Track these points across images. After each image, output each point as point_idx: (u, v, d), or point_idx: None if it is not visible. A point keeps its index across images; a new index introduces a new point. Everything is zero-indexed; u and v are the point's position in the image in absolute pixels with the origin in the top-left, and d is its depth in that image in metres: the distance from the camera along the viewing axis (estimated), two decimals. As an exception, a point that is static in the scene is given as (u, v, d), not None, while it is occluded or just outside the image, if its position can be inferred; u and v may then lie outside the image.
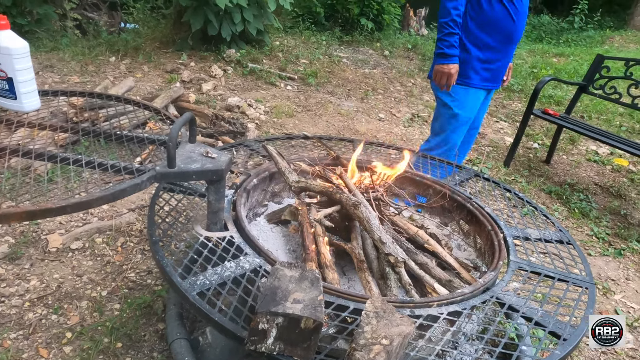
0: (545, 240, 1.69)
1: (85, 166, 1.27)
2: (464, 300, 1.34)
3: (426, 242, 1.74)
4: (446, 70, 2.34)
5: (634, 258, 2.78)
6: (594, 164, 4.19)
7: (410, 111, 4.59)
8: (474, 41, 2.38)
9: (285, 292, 1.07)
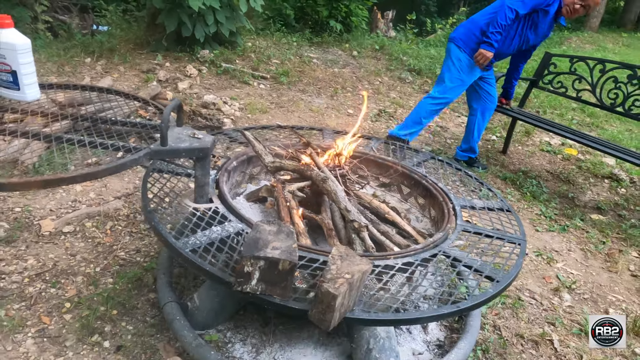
0: (488, 208, 1.96)
1: (88, 145, 1.46)
2: (416, 254, 1.59)
3: (387, 213, 1.98)
4: (488, 55, 3.21)
5: (577, 233, 3.10)
6: (546, 153, 4.54)
7: (378, 107, 4.87)
8: None
9: (265, 241, 1.29)
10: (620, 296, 2.50)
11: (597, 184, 4.00)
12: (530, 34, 3.31)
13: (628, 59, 10.76)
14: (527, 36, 3.32)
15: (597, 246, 2.94)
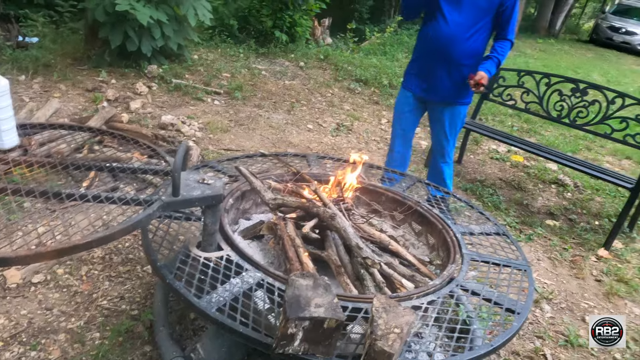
0: (486, 233, 2.01)
1: (93, 200, 1.32)
2: (436, 290, 1.60)
3: (389, 244, 1.97)
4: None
5: (541, 241, 3.28)
6: (496, 161, 4.77)
7: (335, 121, 4.88)
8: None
9: (307, 299, 1.23)
10: (591, 302, 2.67)
11: (545, 190, 4.25)
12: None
13: (546, 63, 11.64)
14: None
15: (561, 254, 3.13)
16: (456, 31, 2.64)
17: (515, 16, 2.66)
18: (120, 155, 2.85)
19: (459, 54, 2.67)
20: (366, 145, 4.44)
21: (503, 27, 2.68)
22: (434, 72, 2.79)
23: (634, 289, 2.85)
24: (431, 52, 2.76)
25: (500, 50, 2.69)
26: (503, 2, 2.60)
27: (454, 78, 2.74)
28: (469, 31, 2.63)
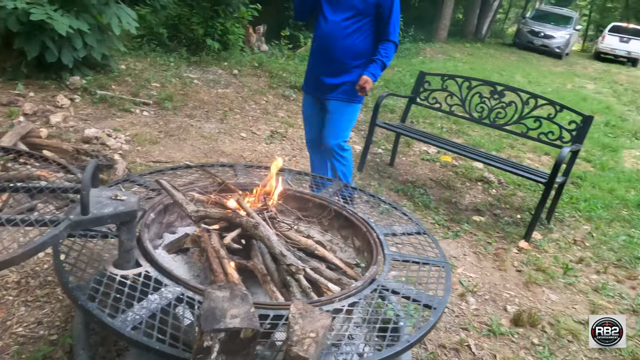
0: (407, 233, 2.09)
1: (-8, 224, 1.25)
2: (358, 292, 1.64)
3: (315, 249, 2.00)
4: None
5: (467, 237, 3.44)
6: (426, 162, 4.96)
7: (269, 128, 4.88)
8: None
9: (222, 310, 1.23)
10: (512, 292, 2.84)
11: (472, 187, 4.47)
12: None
13: (474, 66, 12.23)
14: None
15: (485, 248, 3.30)
16: (334, 30, 2.74)
17: (394, 17, 2.75)
18: (36, 172, 2.71)
19: (339, 53, 2.77)
20: (300, 151, 4.48)
21: (383, 28, 2.77)
22: (320, 71, 2.89)
23: (550, 276, 3.06)
24: (316, 51, 2.90)
25: (383, 53, 2.78)
26: (380, 4, 2.70)
27: (338, 77, 2.82)
28: (346, 30, 2.73)
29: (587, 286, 3.05)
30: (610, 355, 2.43)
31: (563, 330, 2.53)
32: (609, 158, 5.89)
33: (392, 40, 2.80)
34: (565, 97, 9.90)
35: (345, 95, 2.89)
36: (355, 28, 2.73)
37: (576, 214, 4.14)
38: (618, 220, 4.12)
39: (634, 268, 3.36)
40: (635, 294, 3.05)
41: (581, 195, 4.51)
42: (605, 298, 2.94)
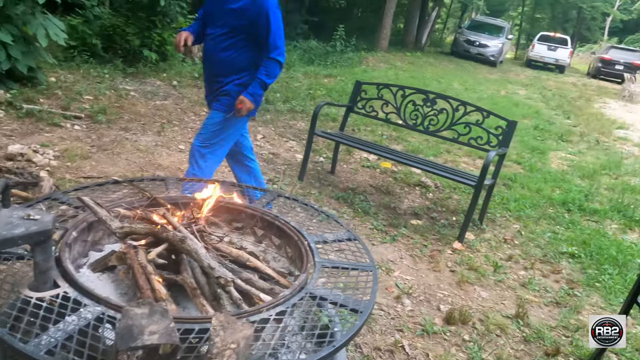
0: (338, 240, 2.13)
1: None
2: (286, 300, 1.66)
3: (247, 260, 2.01)
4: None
5: (404, 241, 3.54)
6: (367, 169, 5.07)
7: (209, 140, 4.83)
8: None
9: (140, 327, 1.21)
10: (446, 292, 2.95)
11: (410, 192, 4.62)
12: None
13: (414, 74, 12.64)
14: None
15: (421, 250, 3.41)
16: (212, 45, 2.79)
17: (273, 35, 2.68)
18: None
19: (216, 67, 2.82)
20: (241, 162, 4.46)
21: (263, 45, 2.72)
22: (205, 82, 2.98)
23: (481, 274, 3.21)
24: (204, 66, 2.98)
25: (264, 71, 2.71)
26: (254, 23, 2.66)
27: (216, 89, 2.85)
28: (221, 45, 2.75)
29: (516, 282, 3.22)
30: (535, 346, 2.58)
31: (492, 325, 2.66)
32: (537, 160, 6.25)
33: (273, 58, 2.71)
34: (499, 102, 10.43)
35: (221, 104, 2.86)
36: (229, 43, 2.72)
37: (507, 214, 4.36)
38: (544, 219, 4.37)
39: (558, 263, 3.58)
40: (559, 287, 3.25)
41: (511, 196, 4.76)
42: (532, 292, 3.12)
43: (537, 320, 2.82)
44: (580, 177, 5.82)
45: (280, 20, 2.72)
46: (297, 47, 12.69)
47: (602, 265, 3.57)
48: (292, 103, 6.97)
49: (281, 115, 6.37)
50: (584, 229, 4.20)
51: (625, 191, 5.40)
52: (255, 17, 2.65)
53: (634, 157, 7.36)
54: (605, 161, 6.69)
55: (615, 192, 5.36)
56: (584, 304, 3.06)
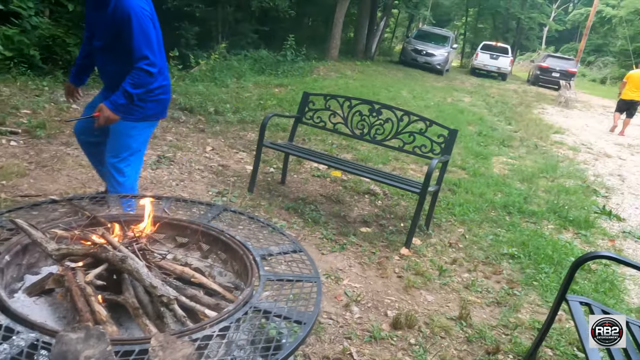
0: (283, 252, 2.16)
1: None
2: (230, 316, 1.67)
3: (192, 276, 2.00)
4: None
5: (353, 249, 3.61)
6: (317, 178, 5.13)
7: (156, 153, 4.75)
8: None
9: (75, 353, 1.20)
10: (393, 297, 3.03)
11: (360, 200, 4.71)
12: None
13: (364, 83, 12.89)
14: None
15: (370, 257, 3.49)
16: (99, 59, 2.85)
17: (136, 42, 2.57)
18: None
19: (107, 82, 2.88)
20: (189, 175, 4.41)
21: (129, 53, 2.62)
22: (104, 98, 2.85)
23: (427, 279, 3.32)
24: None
25: (129, 80, 2.63)
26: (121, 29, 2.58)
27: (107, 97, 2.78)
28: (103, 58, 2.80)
29: (460, 284, 3.35)
30: (477, 345, 2.69)
31: (437, 327, 2.76)
32: (480, 165, 6.52)
33: (140, 67, 2.61)
34: (446, 110, 10.80)
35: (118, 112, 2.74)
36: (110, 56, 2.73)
37: (452, 219, 4.53)
38: (487, 222, 4.57)
39: (499, 264, 3.75)
40: (500, 287, 3.41)
41: (456, 201, 4.94)
42: (475, 294, 3.26)
43: (479, 320, 2.94)
44: (520, 180, 6.12)
45: (146, 25, 2.59)
46: (248, 56, 12.66)
47: (539, 264, 3.77)
48: (242, 114, 6.95)
49: (231, 126, 6.34)
50: (523, 231, 4.42)
51: (561, 193, 5.73)
52: (120, 24, 2.55)
53: (568, 160, 7.82)
54: (542, 165, 7.07)
55: (552, 194, 5.67)
56: (522, 303, 3.22)
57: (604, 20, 42.94)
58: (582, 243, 4.44)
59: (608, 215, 5.28)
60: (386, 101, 10.45)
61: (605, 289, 3.52)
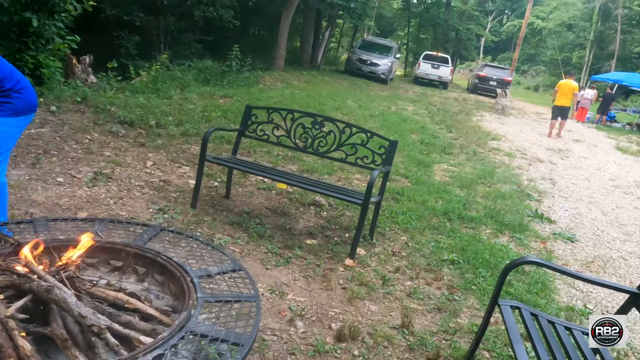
0: (222, 272, 2.14)
1: None
2: (164, 342, 1.63)
3: (126, 302, 1.94)
4: None
5: (298, 262, 3.62)
6: (263, 191, 5.11)
7: (92, 170, 4.57)
8: None
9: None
10: (337, 309, 3.06)
11: (306, 212, 4.73)
12: None
13: (310, 93, 12.99)
14: None
15: (314, 270, 3.51)
16: None
17: None
18: None
19: None
20: (128, 192, 4.27)
21: None
22: None
23: (371, 289, 3.37)
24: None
25: None
26: None
27: None
28: None
29: (402, 293, 3.43)
30: (418, 353, 2.76)
31: (380, 337, 2.81)
32: (422, 173, 6.72)
33: None
34: (390, 119, 11.08)
35: None
36: None
37: (395, 227, 4.63)
38: (429, 229, 4.71)
39: (440, 270, 3.87)
40: (440, 293, 3.52)
41: (400, 209, 5.07)
42: (417, 301, 3.35)
43: (421, 327, 3.03)
44: (459, 187, 6.36)
45: None
46: (192, 66, 12.46)
47: (478, 269, 3.93)
48: (185, 126, 6.82)
49: (173, 139, 6.21)
50: (462, 236, 4.59)
51: (497, 198, 6.01)
52: None
53: (504, 166, 8.21)
54: (481, 171, 7.39)
55: (489, 200, 5.94)
56: (461, 307, 3.34)
57: (535, 32, 45.74)
58: (517, 246, 4.67)
59: (540, 218, 5.59)
60: (332, 111, 10.62)
61: (537, 289, 3.72)
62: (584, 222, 5.85)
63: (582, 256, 4.78)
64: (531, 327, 2.29)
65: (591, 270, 4.49)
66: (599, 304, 3.77)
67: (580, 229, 5.58)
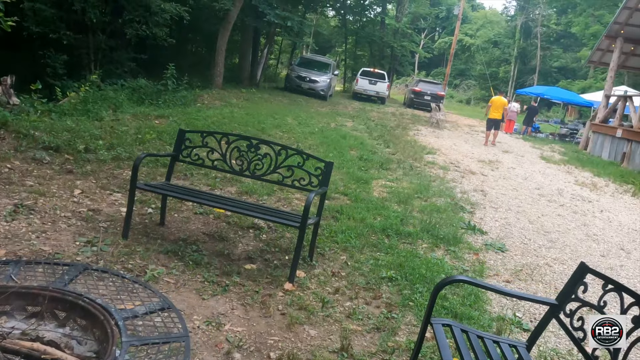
0: (150, 312, 2.05)
1: None
2: (84, 396, 1.54)
3: (44, 352, 1.81)
4: None
5: (236, 290, 3.55)
6: (200, 215, 4.99)
7: (12, 202, 4.27)
8: None
9: None
10: (276, 337, 3.02)
11: (245, 235, 4.66)
12: None
13: (249, 111, 12.93)
14: None
15: (253, 297, 3.45)
16: None
17: None
18: None
19: None
20: (53, 224, 4.03)
21: None
22: None
23: (311, 312, 3.36)
24: None
25: None
26: None
27: None
28: None
29: (342, 314, 3.44)
30: (357, 376, 2.78)
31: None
32: (361, 190, 6.84)
33: None
34: (330, 135, 11.23)
35: None
36: None
37: (335, 247, 4.67)
38: (368, 246, 4.78)
39: (379, 288, 3.93)
40: (379, 312, 3.57)
41: (339, 228, 5.11)
42: (356, 322, 3.37)
43: (360, 349, 3.05)
44: (397, 202, 6.53)
45: None
46: (125, 86, 12.04)
47: (415, 284, 4.02)
48: (117, 150, 6.56)
49: (104, 164, 5.95)
50: (400, 252, 4.69)
51: (433, 212, 6.22)
52: None
53: (439, 179, 8.53)
54: (417, 185, 7.63)
55: (425, 214, 6.13)
56: (399, 325, 3.40)
57: (464, 48, 48.37)
58: (451, 259, 4.84)
59: (473, 230, 5.84)
60: (272, 129, 10.62)
61: (470, 302, 3.86)
62: (513, 232, 6.16)
63: (512, 265, 5.02)
64: (461, 344, 2.37)
65: (520, 278, 4.73)
66: (527, 312, 3.97)
67: (509, 238, 5.88)
